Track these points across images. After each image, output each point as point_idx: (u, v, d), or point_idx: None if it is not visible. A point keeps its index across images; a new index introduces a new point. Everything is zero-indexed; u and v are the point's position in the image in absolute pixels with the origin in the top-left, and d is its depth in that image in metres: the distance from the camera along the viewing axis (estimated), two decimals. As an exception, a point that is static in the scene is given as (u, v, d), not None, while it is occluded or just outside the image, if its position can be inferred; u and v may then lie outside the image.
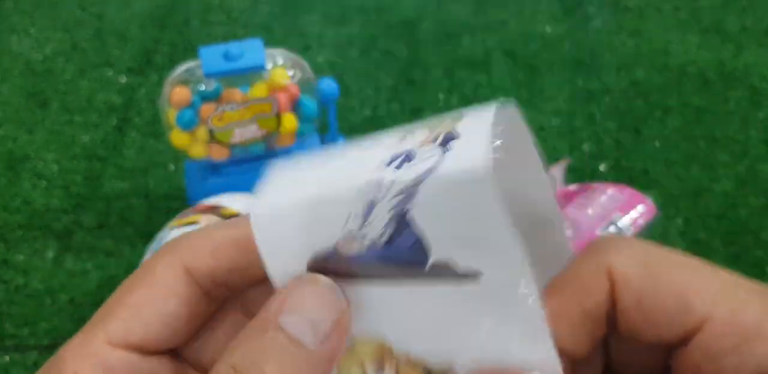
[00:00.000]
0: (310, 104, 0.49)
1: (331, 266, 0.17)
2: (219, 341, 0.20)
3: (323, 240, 0.17)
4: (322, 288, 0.17)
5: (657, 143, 0.64)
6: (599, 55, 0.72)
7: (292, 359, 0.16)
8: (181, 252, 0.19)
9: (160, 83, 0.68)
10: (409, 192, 0.16)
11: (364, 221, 0.16)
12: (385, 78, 0.69)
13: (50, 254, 0.54)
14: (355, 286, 0.17)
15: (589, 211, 0.49)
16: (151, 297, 0.18)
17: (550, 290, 0.17)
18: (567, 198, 0.52)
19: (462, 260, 0.16)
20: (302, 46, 0.72)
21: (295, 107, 0.49)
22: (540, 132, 0.65)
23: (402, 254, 0.16)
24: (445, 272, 0.16)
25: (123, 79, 0.68)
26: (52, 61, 0.70)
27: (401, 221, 0.16)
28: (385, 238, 0.16)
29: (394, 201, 0.16)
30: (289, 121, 0.48)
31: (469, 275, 0.16)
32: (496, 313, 0.16)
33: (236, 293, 0.20)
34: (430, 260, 0.16)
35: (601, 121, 0.66)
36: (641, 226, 0.49)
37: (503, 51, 0.73)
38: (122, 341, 0.18)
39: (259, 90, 0.47)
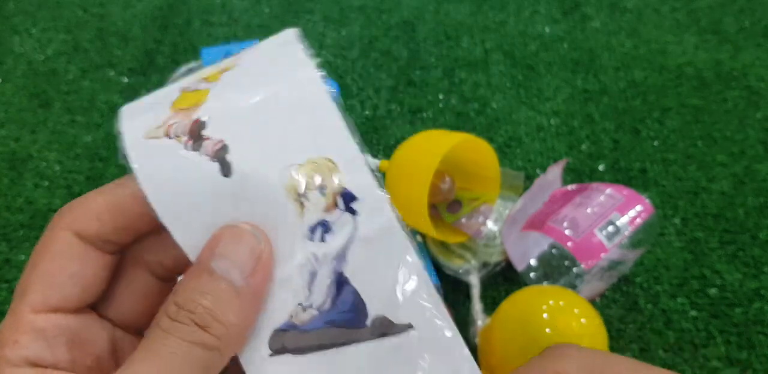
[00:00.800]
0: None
1: (289, 344, 0.20)
2: (133, 299, 0.23)
3: (279, 317, 0.20)
4: (244, 235, 0.20)
5: (655, 143, 0.64)
6: (597, 55, 0.73)
7: (224, 294, 0.19)
8: (67, 221, 0.22)
9: (161, 84, 0.68)
10: (340, 256, 0.19)
11: (309, 290, 0.20)
12: (385, 78, 0.70)
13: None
14: (311, 358, 0.20)
15: (588, 210, 0.50)
16: (55, 264, 0.21)
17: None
18: (565, 198, 0.52)
19: (395, 318, 0.19)
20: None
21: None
22: (538, 132, 0.65)
23: (345, 315, 0.19)
24: (384, 327, 0.19)
25: (125, 80, 0.69)
26: (54, 61, 0.70)
27: (339, 282, 0.19)
28: (329, 302, 0.19)
29: (330, 267, 0.20)
30: (290, 121, 0.49)
31: (403, 329, 0.19)
32: (430, 358, 0.19)
33: (128, 245, 0.23)
34: (370, 316, 0.19)
35: (599, 121, 0.66)
36: (639, 225, 0.49)
37: (502, 51, 0.73)
38: (43, 306, 0.21)
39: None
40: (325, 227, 0.20)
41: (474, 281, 0.52)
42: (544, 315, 0.43)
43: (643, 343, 0.50)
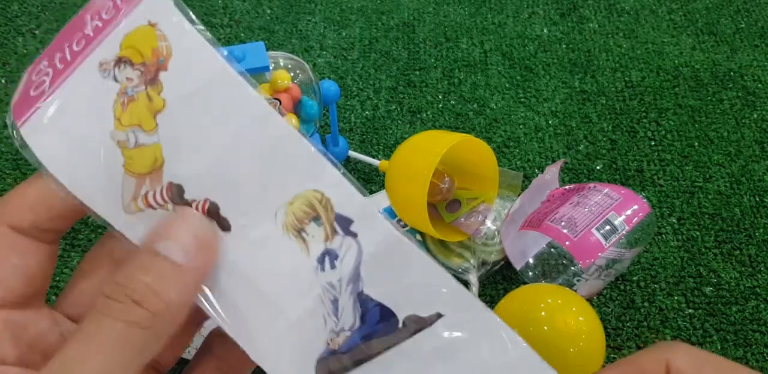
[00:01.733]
0: (312, 104, 0.49)
1: (333, 365, 0.20)
2: (87, 294, 0.23)
3: (317, 348, 0.20)
4: (189, 217, 0.20)
5: (652, 143, 0.65)
6: (595, 56, 0.73)
7: (166, 271, 0.19)
8: (1, 215, 0.22)
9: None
10: (355, 278, 0.20)
11: (338, 317, 0.20)
12: (385, 79, 0.70)
13: (56, 252, 0.55)
14: (357, 371, 0.20)
15: (585, 210, 0.50)
16: None
17: (612, 366, 0.20)
18: (563, 197, 0.53)
19: (422, 312, 0.20)
20: (303, 48, 0.73)
21: (297, 107, 0.50)
22: (537, 132, 0.66)
23: (377, 326, 0.20)
24: (416, 323, 0.20)
25: None
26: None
27: (362, 300, 0.20)
28: (358, 321, 0.20)
29: (350, 289, 0.20)
30: (291, 121, 0.49)
31: (434, 318, 0.20)
32: (467, 335, 0.20)
33: (65, 232, 0.23)
34: (400, 320, 0.20)
35: (597, 121, 0.67)
36: (636, 224, 0.50)
37: (501, 53, 0.74)
38: None
39: (261, 91, 0.48)
40: (331, 255, 0.20)
41: (473, 279, 0.52)
42: (542, 313, 0.44)
43: (640, 341, 0.51)
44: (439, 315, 0.20)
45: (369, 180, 0.61)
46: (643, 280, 0.54)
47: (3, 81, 0.69)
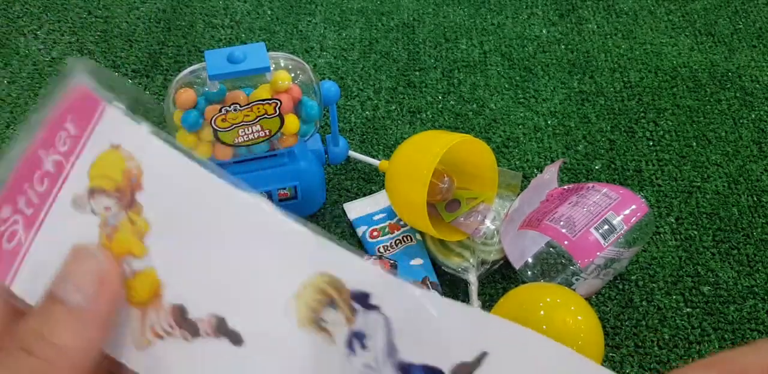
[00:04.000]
0: (312, 105, 0.50)
1: None
2: None
3: None
4: (87, 257, 0.19)
5: (650, 143, 0.65)
6: (594, 57, 0.74)
7: (56, 314, 0.18)
8: None
9: (165, 85, 0.69)
10: (391, 350, 0.19)
11: None
12: (385, 80, 0.71)
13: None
14: None
15: (584, 209, 0.50)
16: None
17: (705, 363, 0.19)
18: (562, 197, 0.53)
19: (466, 357, 0.19)
20: (304, 49, 0.74)
21: (297, 108, 0.50)
22: (536, 133, 0.66)
23: None
24: (465, 369, 0.19)
25: (129, 81, 0.69)
26: (59, 63, 0.71)
27: (404, 368, 0.19)
28: None
29: (389, 363, 0.19)
30: (292, 122, 0.49)
31: (481, 358, 0.19)
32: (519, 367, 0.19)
33: None
34: (447, 371, 0.19)
35: (595, 121, 0.67)
36: (634, 224, 0.50)
37: (500, 53, 0.74)
38: None
39: (262, 92, 0.48)
40: (358, 336, 0.19)
41: (472, 279, 0.52)
42: (541, 312, 0.44)
43: (638, 340, 0.51)
44: (484, 354, 0.19)
45: (369, 180, 0.61)
46: (642, 279, 0.54)
47: (6, 82, 0.69)
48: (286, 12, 0.78)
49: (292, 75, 0.49)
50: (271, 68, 0.48)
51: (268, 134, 0.49)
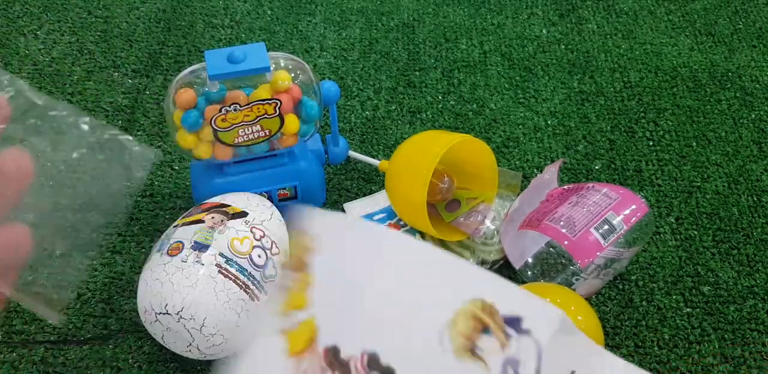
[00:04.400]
0: (312, 105, 0.50)
1: None
2: None
3: None
4: None
5: (650, 143, 0.65)
6: (594, 57, 0.74)
7: None
8: None
9: (165, 85, 0.69)
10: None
11: None
12: (385, 80, 0.71)
13: (58, 251, 0.55)
14: None
15: (584, 209, 0.50)
16: None
17: None
18: (562, 197, 0.53)
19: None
20: (304, 49, 0.74)
21: (297, 108, 0.50)
22: (536, 133, 0.66)
23: None
24: None
25: (129, 81, 0.69)
26: (59, 62, 0.71)
27: None
28: None
29: None
30: (292, 122, 0.49)
31: None
32: None
33: None
34: None
35: (595, 121, 0.67)
36: (634, 224, 0.50)
37: (500, 53, 0.74)
38: None
39: (262, 92, 0.48)
40: (512, 363, 0.19)
41: (472, 278, 0.52)
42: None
43: (638, 340, 0.51)
44: (573, 373, 0.19)
45: (369, 180, 0.61)
46: (642, 279, 0.54)
47: (4, 82, 0.69)
48: (286, 12, 0.78)
49: (292, 75, 0.49)
50: (271, 68, 0.48)
51: (268, 134, 0.49)
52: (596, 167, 0.63)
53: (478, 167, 0.55)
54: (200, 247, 0.44)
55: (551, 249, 0.53)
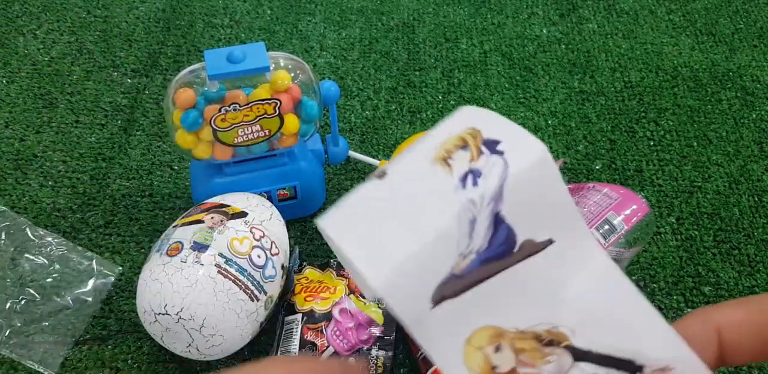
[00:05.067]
0: (312, 105, 0.50)
1: (447, 292, 0.20)
2: None
3: (442, 272, 0.19)
4: None
5: (651, 143, 0.65)
6: (594, 57, 0.74)
7: None
8: None
9: (164, 85, 0.69)
10: (497, 196, 0.19)
11: (470, 238, 0.19)
12: (385, 79, 0.71)
13: (57, 252, 0.55)
14: (465, 296, 0.20)
15: (584, 209, 0.50)
16: None
17: (739, 302, 0.19)
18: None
19: (538, 237, 0.20)
20: (304, 49, 0.74)
21: (297, 108, 0.50)
22: (536, 132, 0.66)
23: (497, 249, 0.20)
24: (530, 248, 0.20)
25: (128, 81, 0.69)
26: (58, 62, 0.71)
27: (497, 222, 0.19)
28: (485, 244, 0.19)
29: (489, 208, 0.19)
30: (292, 122, 0.49)
31: (546, 244, 0.20)
32: (578, 269, 0.20)
33: None
34: (518, 243, 0.20)
35: (596, 121, 0.67)
36: (634, 224, 0.50)
37: (500, 53, 0.74)
38: None
39: (262, 92, 0.48)
40: (474, 173, 0.19)
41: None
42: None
43: (638, 340, 0.51)
44: (550, 241, 0.20)
45: (369, 180, 0.61)
46: (642, 280, 0.54)
47: (5, 82, 0.69)
48: (286, 12, 0.78)
49: (292, 75, 0.49)
50: (271, 68, 0.48)
51: (267, 134, 0.49)
52: (597, 167, 0.63)
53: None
54: (200, 247, 0.44)
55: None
